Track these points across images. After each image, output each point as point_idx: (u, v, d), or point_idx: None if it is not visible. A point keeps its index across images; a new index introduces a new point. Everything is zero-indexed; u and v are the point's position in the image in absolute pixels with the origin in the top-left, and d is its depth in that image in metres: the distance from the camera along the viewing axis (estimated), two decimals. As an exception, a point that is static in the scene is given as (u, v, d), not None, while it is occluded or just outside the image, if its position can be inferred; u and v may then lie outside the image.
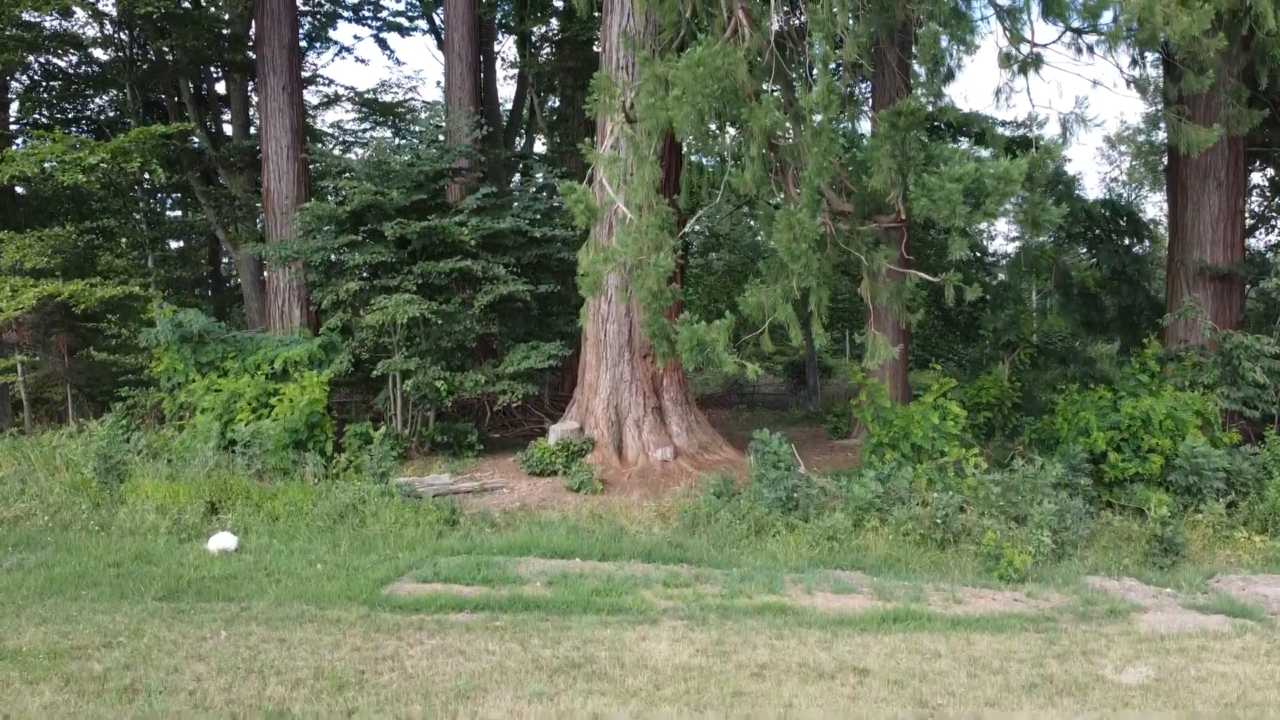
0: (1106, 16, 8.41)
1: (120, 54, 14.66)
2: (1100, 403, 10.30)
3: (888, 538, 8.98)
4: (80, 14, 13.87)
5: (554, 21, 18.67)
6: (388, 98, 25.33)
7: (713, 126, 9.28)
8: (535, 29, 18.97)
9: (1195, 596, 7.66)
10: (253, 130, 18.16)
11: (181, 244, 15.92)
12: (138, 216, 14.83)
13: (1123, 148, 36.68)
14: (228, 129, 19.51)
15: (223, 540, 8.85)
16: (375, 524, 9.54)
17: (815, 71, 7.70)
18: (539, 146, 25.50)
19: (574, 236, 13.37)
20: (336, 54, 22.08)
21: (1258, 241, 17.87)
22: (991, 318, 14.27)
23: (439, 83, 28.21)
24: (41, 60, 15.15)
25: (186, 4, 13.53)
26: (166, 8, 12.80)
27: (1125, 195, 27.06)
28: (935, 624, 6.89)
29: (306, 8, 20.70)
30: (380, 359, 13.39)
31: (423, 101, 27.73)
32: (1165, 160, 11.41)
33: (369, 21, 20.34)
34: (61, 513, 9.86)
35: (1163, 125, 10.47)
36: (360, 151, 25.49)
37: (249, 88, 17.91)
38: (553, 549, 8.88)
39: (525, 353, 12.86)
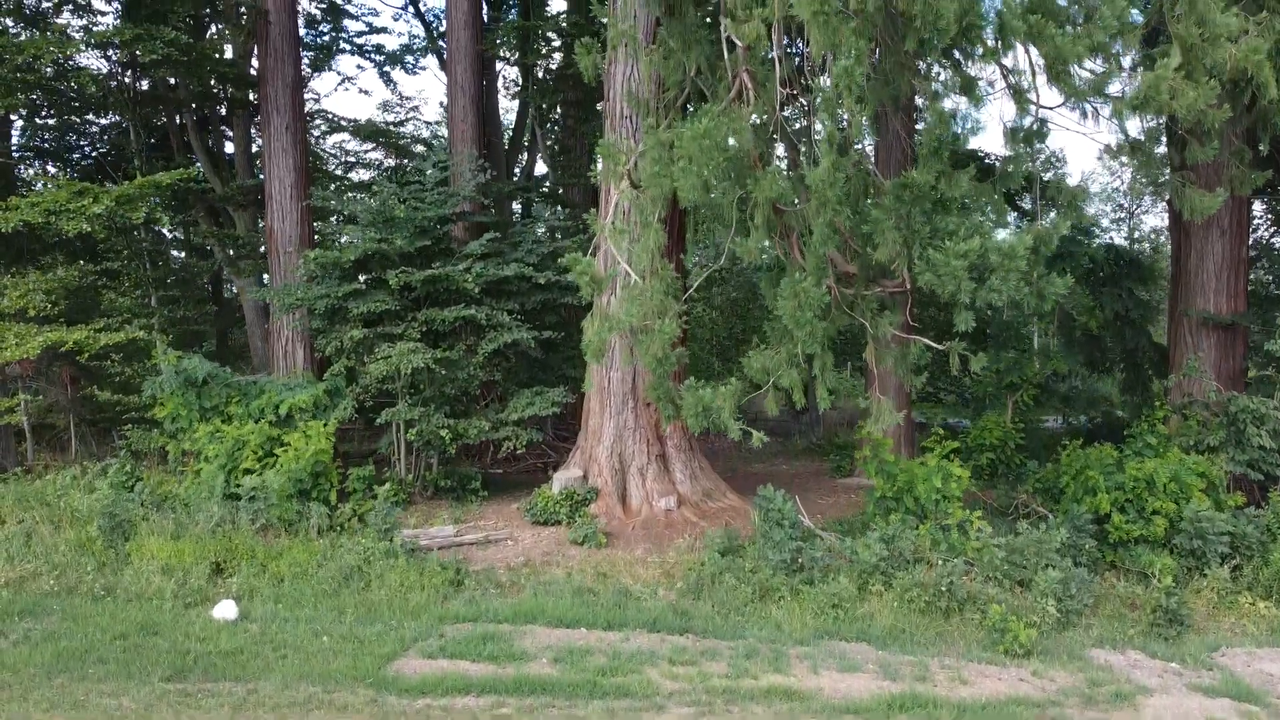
0: (1113, 87, 8.42)
1: (124, 93, 14.65)
2: (1105, 461, 10.31)
3: (892, 605, 8.99)
4: (83, 54, 13.84)
5: (556, 56, 18.65)
6: (390, 117, 25.51)
7: (717, 195, 9.26)
8: (539, 62, 18.95)
9: (1201, 675, 7.66)
10: (256, 162, 18.23)
11: (183, 274, 15.83)
12: (142, 258, 14.80)
13: (1124, 159, 36.69)
14: (228, 145, 19.57)
15: (226, 610, 8.86)
16: (380, 588, 9.55)
17: (820, 151, 7.70)
18: (540, 166, 25.58)
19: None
20: (339, 84, 21.99)
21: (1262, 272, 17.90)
22: (994, 359, 14.28)
23: (441, 103, 28.34)
24: (41, 93, 15.13)
25: (189, 40, 13.37)
26: (170, 54, 12.77)
27: (1127, 207, 27.00)
28: (941, 711, 6.89)
29: (308, 37, 20.76)
30: (384, 404, 13.42)
31: (424, 123, 27.90)
32: (1166, 173, 11.52)
33: (371, 55, 20.38)
34: (66, 574, 9.87)
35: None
36: (363, 173, 25.69)
37: (252, 123, 17.93)
38: (558, 617, 8.89)
39: (529, 399, 12.87)
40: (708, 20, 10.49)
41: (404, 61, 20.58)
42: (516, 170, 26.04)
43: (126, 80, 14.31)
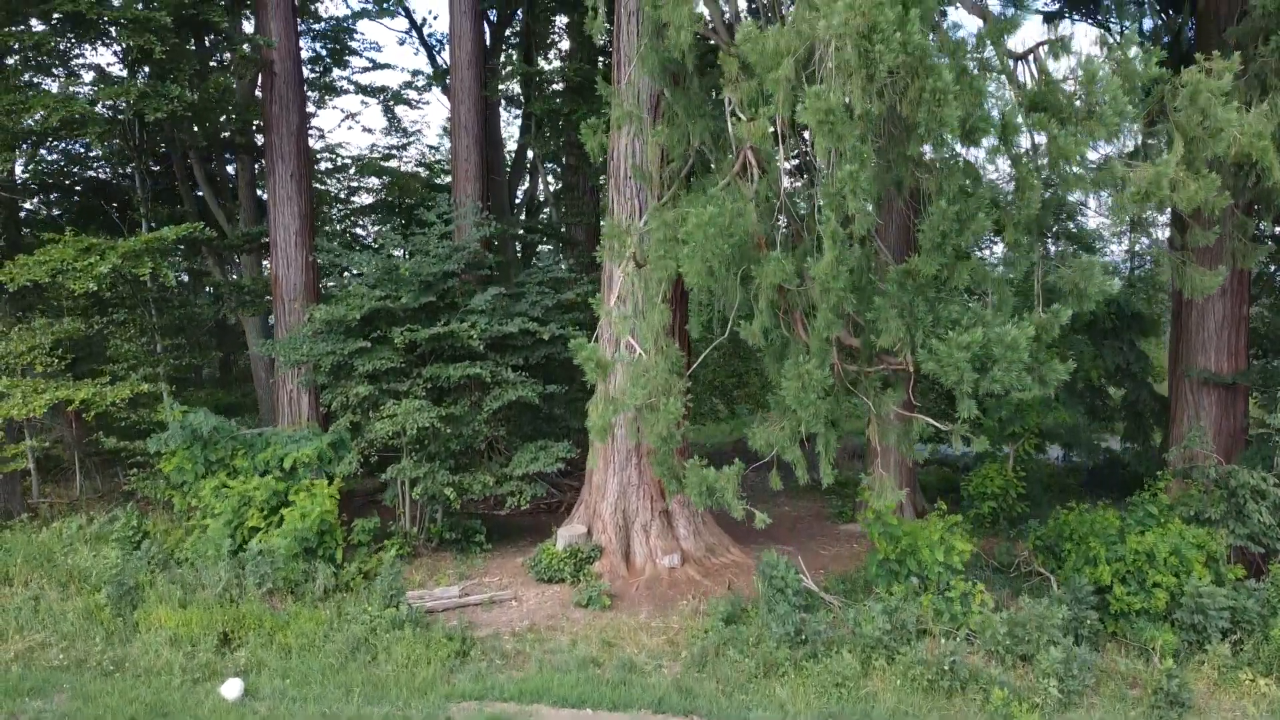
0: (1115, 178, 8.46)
1: (129, 140, 14.71)
2: (1107, 531, 10.36)
3: (895, 684, 9.05)
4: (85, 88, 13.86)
5: (558, 98, 18.68)
6: (393, 140, 25.56)
7: (721, 276, 9.32)
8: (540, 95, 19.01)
9: (1201, 767, 7.73)
10: (261, 198, 18.29)
11: (188, 321, 15.88)
12: (147, 305, 14.86)
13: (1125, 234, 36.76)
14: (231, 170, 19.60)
15: (233, 688, 8.93)
16: (387, 661, 9.61)
17: (825, 244, 7.75)
18: (542, 184, 25.62)
19: (584, 336, 13.43)
20: (342, 121, 22.02)
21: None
22: (996, 408, 14.34)
23: (444, 127, 28.40)
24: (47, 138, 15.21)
25: (195, 97, 13.44)
26: (174, 110, 12.83)
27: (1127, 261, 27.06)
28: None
29: (311, 73, 20.80)
30: (389, 456, 13.49)
31: (428, 147, 27.94)
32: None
33: (375, 95, 20.42)
34: (75, 645, 9.94)
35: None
36: (365, 196, 25.76)
37: (256, 165, 18.01)
38: (564, 696, 8.95)
39: (534, 454, 12.92)
40: (713, 91, 10.55)
41: (407, 100, 20.63)
42: (520, 191, 26.15)
43: (132, 128, 14.31)
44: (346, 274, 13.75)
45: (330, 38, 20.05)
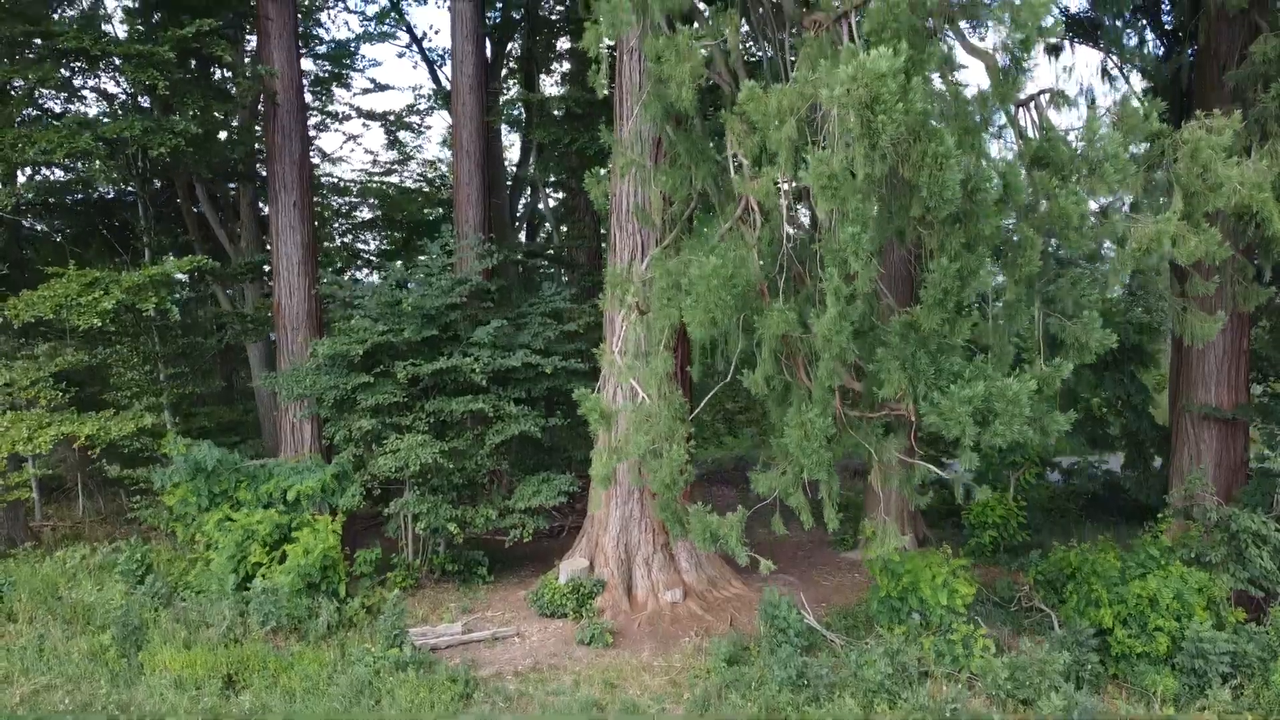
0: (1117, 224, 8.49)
1: (131, 169, 14.75)
2: (1108, 573, 10.41)
3: (897, 731, 9.10)
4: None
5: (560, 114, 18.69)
6: (394, 154, 25.61)
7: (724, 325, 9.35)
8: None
9: (1202, 821, 7.77)
10: (263, 208, 18.36)
11: (190, 342, 15.92)
12: (150, 334, 14.91)
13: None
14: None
15: (242, 736, 8.99)
16: (391, 705, 9.65)
17: (828, 300, 7.80)
18: (544, 208, 25.66)
19: (585, 368, 13.49)
20: (344, 144, 22.03)
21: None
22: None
23: (446, 134, 28.43)
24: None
25: (199, 131, 13.47)
26: (178, 145, 12.87)
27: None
28: None
29: (313, 97, 20.86)
30: (392, 488, 13.54)
31: (429, 160, 27.96)
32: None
33: (378, 119, 20.46)
34: (81, 688, 9.99)
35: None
36: (367, 211, 25.81)
37: (258, 192, 18.06)
38: (567, 743, 9.00)
39: (536, 486, 12.97)
40: (715, 135, 10.59)
41: (410, 125, 20.68)
42: (521, 204, 26.17)
43: (135, 158, 14.36)
44: (350, 308, 13.75)
45: (332, 59, 20.08)
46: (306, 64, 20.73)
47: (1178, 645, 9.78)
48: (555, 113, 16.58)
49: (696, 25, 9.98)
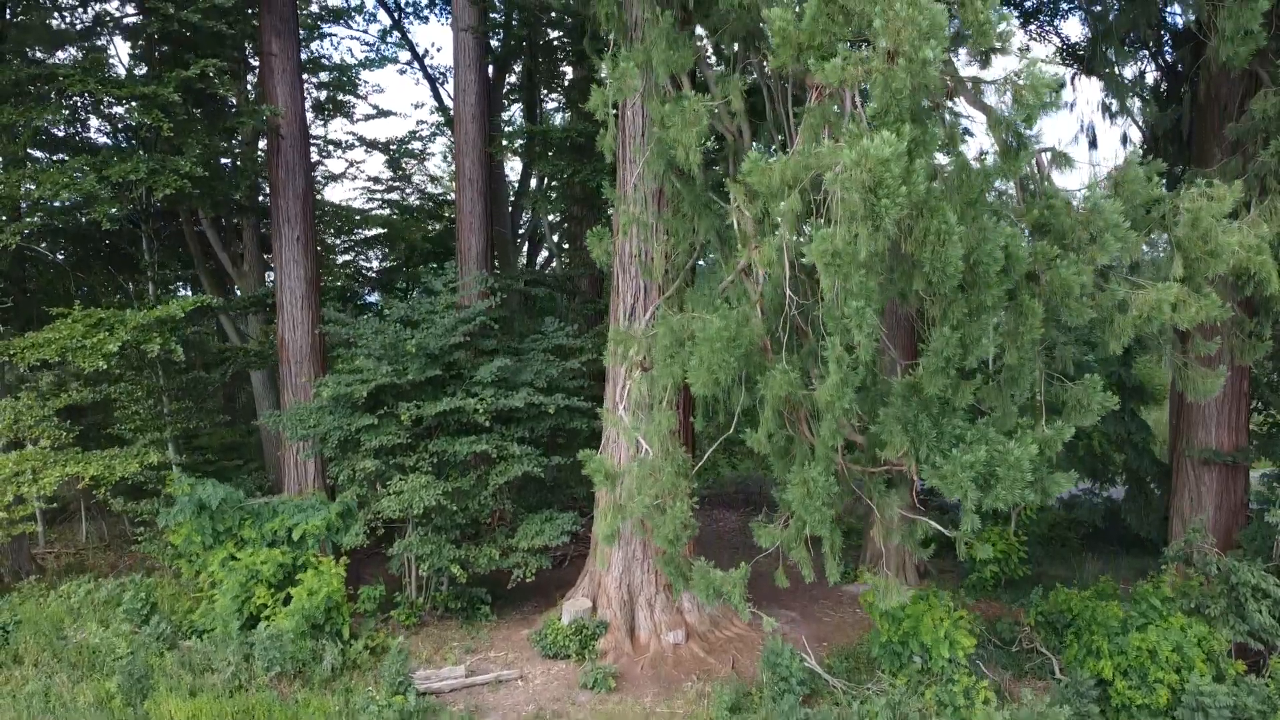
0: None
1: (134, 205, 14.81)
2: (1109, 620, 10.46)
3: (899, 786, 9.15)
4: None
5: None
6: (386, 173, 25.61)
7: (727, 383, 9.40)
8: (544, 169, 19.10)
9: None
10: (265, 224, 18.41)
11: (194, 377, 15.98)
12: (154, 368, 14.96)
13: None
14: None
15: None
16: (396, 758, 9.71)
17: (830, 368, 7.85)
18: (545, 234, 25.69)
19: (588, 406, 13.55)
20: (345, 170, 22.12)
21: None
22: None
23: (446, 154, 28.51)
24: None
25: (204, 172, 13.53)
26: (183, 187, 12.93)
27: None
28: None
29: (314, 121, 20.91)
30: (396, 526, 13.60)
31: (429, 177, 28.01)
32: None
33: (381, 149, 20.52)
34: (87, 739, 10.05)
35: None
36: (368, 230, 25.84)
37: (262, 224, 18.11)
38: (571, 799, 9.05)
39: (539, 526, 13.02)
40: (718, 183, 10.64)
41: (412, 152, 20.73)
42: (523, 219, 26.20)
43: (140, 197, 14.42)
44: (353, 347, 13.80)
45: (333, 86, 20.13)
46: (308, 89, 20.76)
47: (1178, 698, 9.83)
48: (559, 137, 16.60)
49: (700, 84, 10.06)
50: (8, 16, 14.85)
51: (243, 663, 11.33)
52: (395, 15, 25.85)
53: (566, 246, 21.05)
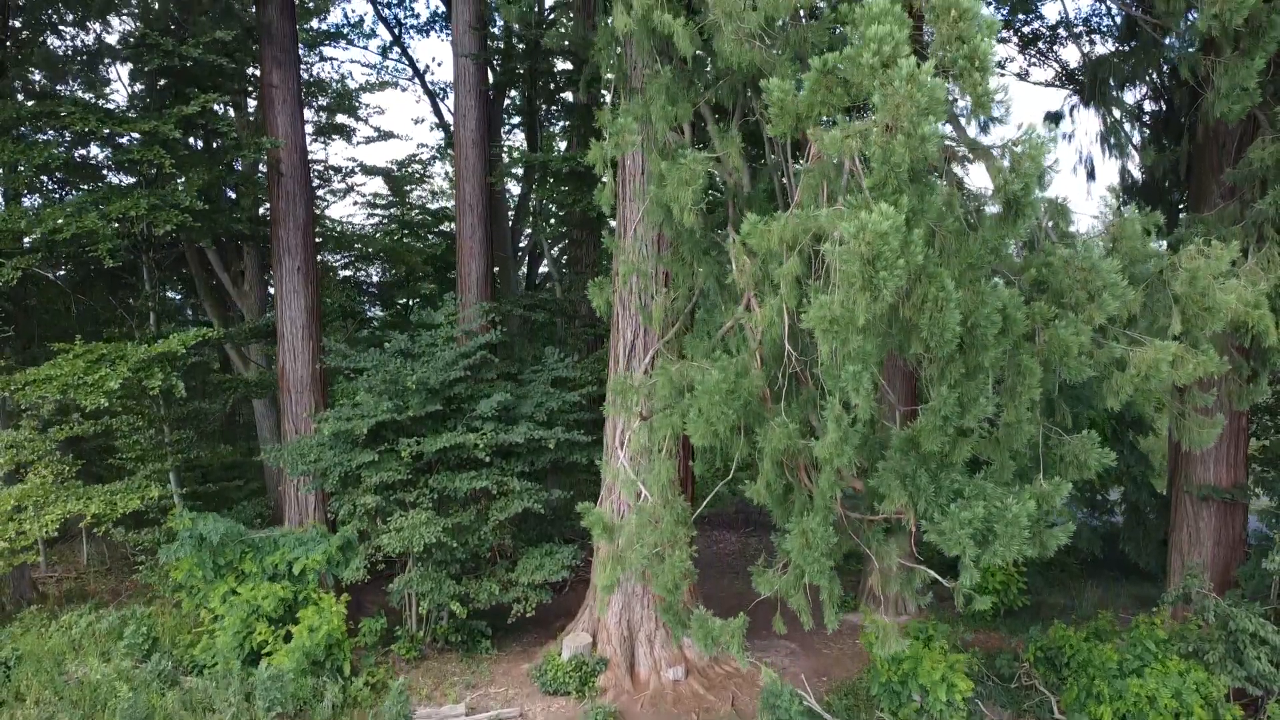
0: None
1: (135, 237, 14.84)
2: (1106, 666, 10.49)
3: (898, 835, 9.19)
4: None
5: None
6: (387, 188, 25.59)
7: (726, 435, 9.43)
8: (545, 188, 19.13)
9: None
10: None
11: (195, 408, 16.01)
12: (155, 398, 15.00)
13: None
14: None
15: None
16: (396, 804, 9.75)
17: (828, 425, 7.88)
18: (547, 262, 25.74)
19: (588, 441, 13.58)
20: (346, 193, 22.18)
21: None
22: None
23: (446, 174, 28.56)
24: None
25: (205, 206, 13.57)
26: (183, 222, 12.97)
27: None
28: None
29: (314, 146, 20.94)
30: (396, 562, 13.63)
31: (431, 193, 28.04)
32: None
33: (382, 174, 20.57)
34: (89, 783, 10.08)
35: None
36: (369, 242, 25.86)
37: (263, 253, 18.14)
38: None
39: (539, 560, 13.05)
40: (719, 225, 10.66)
41: (413, 175, 20.74)
42: (524, 237, 26.24)
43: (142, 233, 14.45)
44: (354, 375, 13.84)
45: (333, 108, 20.16)
46: (308, 113, 20.81)
47: (1176, 744, 9.86)
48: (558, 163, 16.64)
49: (699, 128, 10.09)
50: (8, 47, 14.91)
51: (244, 702, 11.37)
52: (395, 31, 25.96)
53: (566, 271, 21.04)
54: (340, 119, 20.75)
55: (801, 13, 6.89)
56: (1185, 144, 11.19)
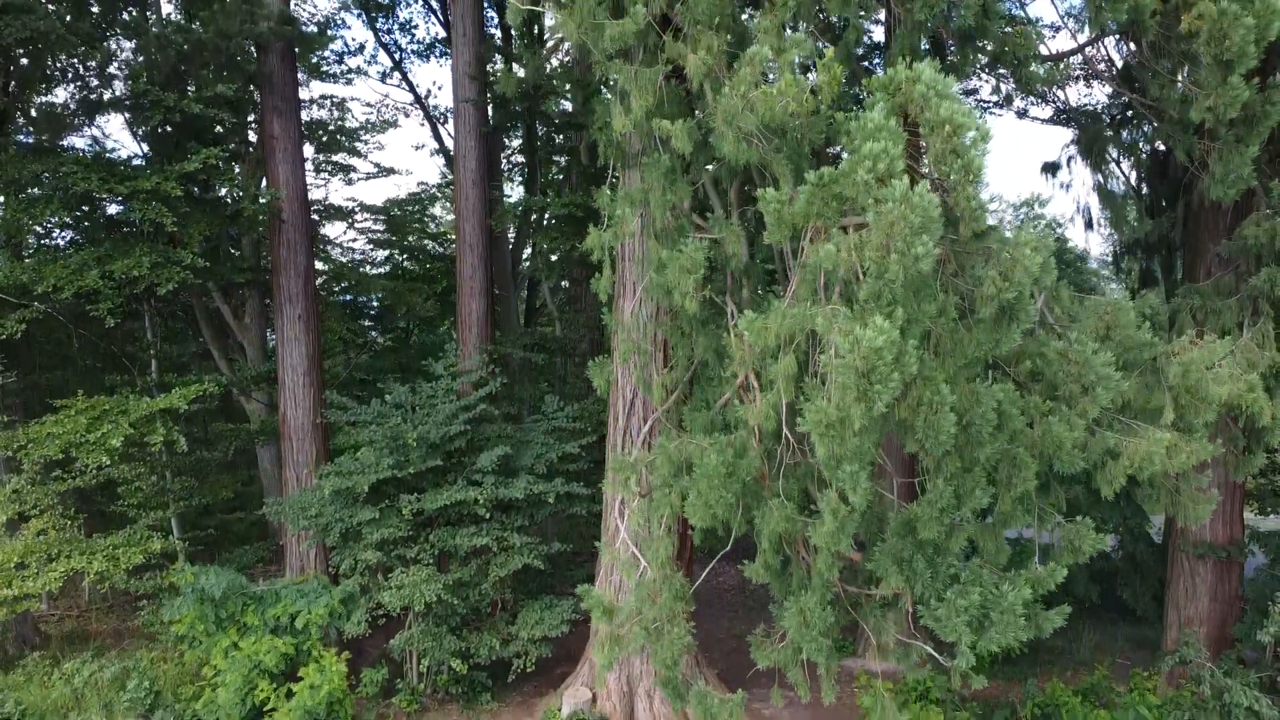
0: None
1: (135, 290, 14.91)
2: (1100, 729, 10.58)
3: None
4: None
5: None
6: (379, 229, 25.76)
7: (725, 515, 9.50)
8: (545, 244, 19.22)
9: None
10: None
11: (198, 457, 16.09)
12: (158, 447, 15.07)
13: None
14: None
15: None
16: None
17: (825, 515, 7.96)
18: (547, 298, 25.83)
19: (588, 494, 13.66)
20: (346, 230, 22.26)
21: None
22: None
23: (446, 195, 28.64)
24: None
25: (206, 263, 13.66)
26: (185, 279, 13.06)
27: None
28: None
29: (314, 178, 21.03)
30: (397, 617, 13.71)
31: (431, 218, 28.12)
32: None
33: (382, 214, 20.66)
34: None
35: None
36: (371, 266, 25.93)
37: (265, 300, 18.24)
38: None
39: (539, 615, 13.13)
40: (720, 292, 10.74)
41: (411, 215, 20.83)
42: (524, 258, 26.32)
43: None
44: (355, 425, 13.92)
45: (331, 146, 20.24)
46: (307, 149, 20.88)
47: (1171, 814, 9.93)
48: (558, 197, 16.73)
49: (698, 203, 10.15)
50: (12, 94, 14.99)
51: (246, 761, 11.45)
52: (396, 57, 26.05)
53: (567, 326, 21.05)
54: (339, 157, 20.80)
55: (798, 117, 6.95)
56: (1180, 209, 11.26)
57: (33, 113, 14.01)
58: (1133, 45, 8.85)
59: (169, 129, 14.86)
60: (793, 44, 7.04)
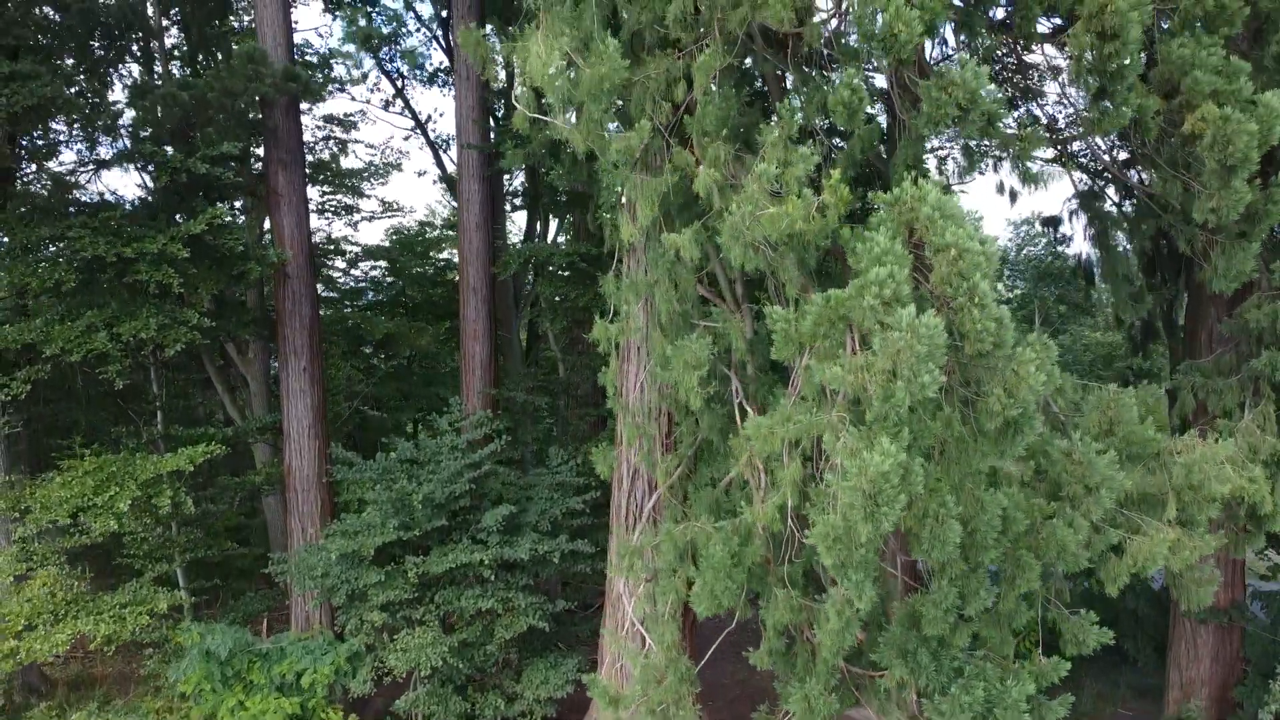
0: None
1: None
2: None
3: None
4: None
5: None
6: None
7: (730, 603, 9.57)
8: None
9: None
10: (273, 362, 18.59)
11: (203, 510, 16.15)
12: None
13: None
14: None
15: None
16: None
17: (829, 613, 8.02)
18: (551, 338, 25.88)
19: (593, 551, 13.72)
20: (350, 268, 22.30)
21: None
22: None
23: (450, 221, 28.74)
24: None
25: (212, 324, 13.74)
26: (192, 339, 13.13)
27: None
28: None
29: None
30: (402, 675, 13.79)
31: (434, 239, 28.21)
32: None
33: (384, 256, 20.75)
34: None
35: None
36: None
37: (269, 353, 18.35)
38: None
39: (544, 674, 13.19)
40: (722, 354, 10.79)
41: (415, 252, 20.92)
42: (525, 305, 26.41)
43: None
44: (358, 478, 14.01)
45: (334, 187, 20.33)
46: (312, 192, 20.97)
47: None
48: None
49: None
50: (19, 151, 15.06)
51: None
52: (398, 84, 26.15)
53: (569, 370, 21.08)
54: (342, 196, 20.88)
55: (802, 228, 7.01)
56: (1181, 284, 11.32)
57: (44, 176, 14.08)
58: (1135, 138, 8.91)
59: (173, 186, 14.92)
60: (799, 159, 7.10)
